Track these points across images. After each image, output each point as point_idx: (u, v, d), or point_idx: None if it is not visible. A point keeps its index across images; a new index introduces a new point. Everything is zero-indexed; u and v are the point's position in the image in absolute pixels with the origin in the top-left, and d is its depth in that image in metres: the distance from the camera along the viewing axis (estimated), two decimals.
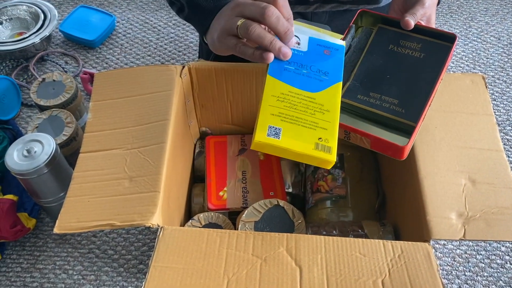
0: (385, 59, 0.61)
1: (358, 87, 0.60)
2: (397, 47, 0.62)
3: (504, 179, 0.58)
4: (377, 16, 0.65)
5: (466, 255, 0.87)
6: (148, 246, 0.88)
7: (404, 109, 0.57)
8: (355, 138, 0.57)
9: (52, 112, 0.90)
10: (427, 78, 0.58)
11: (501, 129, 1.07)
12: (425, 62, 0.60)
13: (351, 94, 0.59)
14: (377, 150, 0.57)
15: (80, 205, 0.57)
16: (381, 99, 0.58)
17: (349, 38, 0.64)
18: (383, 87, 0.59)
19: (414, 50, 0.61)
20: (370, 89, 0.59)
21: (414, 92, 0.58)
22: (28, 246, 0.88)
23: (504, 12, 1.33)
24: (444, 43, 0.61)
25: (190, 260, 0.51)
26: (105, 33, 1.23)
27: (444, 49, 0.60)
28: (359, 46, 0.64)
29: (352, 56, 0.63)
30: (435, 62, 0.59)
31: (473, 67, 1.20)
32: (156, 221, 0.54)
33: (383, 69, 0.60)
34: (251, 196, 0.75)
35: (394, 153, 0.56)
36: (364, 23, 0.66)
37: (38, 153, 0.76)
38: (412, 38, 0.62)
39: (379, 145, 0.56)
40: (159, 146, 0.61)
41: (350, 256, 0.51)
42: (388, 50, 0.62)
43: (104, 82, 0.69)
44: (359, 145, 0.58)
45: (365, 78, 0.60)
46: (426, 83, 0.58)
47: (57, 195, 0.82)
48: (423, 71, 0.59)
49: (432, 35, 0.62)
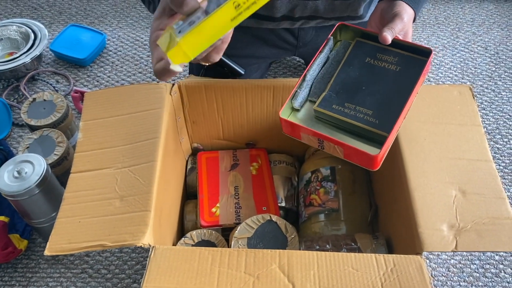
0: (362, 71, 0.62)
1: (334, 97, 0.61)
2: (374, 60, 0.63)
3: (494, 189, 0.59)
4: (356, 30, 0.66)
5: (460, 265, 0.87)
6: (141, 265, 0.88)
7: (378, 120, 0.57)
8: (329, 147, 0.58)
9: (43, 131, 0.90)
10: (401, 90, 0.59)
11: (491, 138, 1.08)
12: (400, 75, 0.61)
13: (326, 104, 0.60)
14: (351, 159, 0.57)
15: (71, 226, 0.57)
16: (355, 110, 0.59)
17: (327, 50, 0.65)
18: (358, 98, 0.60)
19: (390, 64, 0.62)
20: (345, 100, 0.60)
21: (389, 104, 0.59)
22: (20, 268, 0.87)
23: (490, 22, 1.35)
24: (420, 57, 0.62)
25: (182, 279, 0.50)
26: (95, 51, 1.23)
27: (420, 63, 0.61)
28: (337, 58, 0.65)
29: (329, 68, 0.64)
30: (411, 75, 0.60)
31: (461, 77, 1.21)
32: (148, 240, 0.53)
33: (359, 81, 0.61)
34: (244, 212, 0.75)
35: (367, 162, 0.56)
36: (343, 36, 0.67)
37: (29, 174, 0.75)
38: (389, 52, 0.63)
39: (352, 155, 0.56)
40: (150, 164, 0.61)
41: (343, 271, 0.51)
42: (364, 63, 0.63)
43: (94, 101, 0.69)
44: (333, 154, 0.59)
45: (341, 89, 0.61)
46: (400, 96, 0.59)
47: (49, 216, 0.82)
48: (398, 84, 0.60)
49: (408, 49, 0.63)
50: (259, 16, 0.82)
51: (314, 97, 0.62)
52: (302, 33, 0.87)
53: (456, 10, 1.40)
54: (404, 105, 0.57)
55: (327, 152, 0.59)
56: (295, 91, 0.62)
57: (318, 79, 0.64)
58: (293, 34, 0.87)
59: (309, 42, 0.91)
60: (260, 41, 0.89)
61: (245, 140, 0.85)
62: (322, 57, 0.65)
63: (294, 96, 0.62)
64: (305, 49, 0.93)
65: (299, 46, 0.91)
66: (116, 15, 1.38)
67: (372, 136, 0.58)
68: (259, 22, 0.83)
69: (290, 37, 0.88)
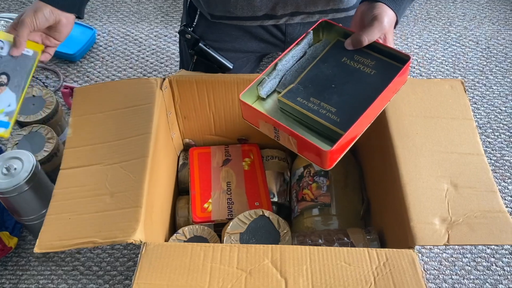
0: (335, 69, 0.61)
1: (301, 90, 0.60)
2: (351, 60, 0.62)
3: (486, 182, 0.59)
4: (339, 30, 0.65)
5: (452, 258, 0.88)
6: (133, 261, 0.87)
7: (340, 119, 0.56)
8: (284, 138, 0.56)
9: (33, 128, 0.88)
10: (370, 94, 0.57)
11: (482, 132, 1.08)
12: (373, 79, 0.60)
13: (291, 95, 0.59)
14: (304, 154, 0.56)
15: (61, 223, 0.56)
16: (319, 106, 0.58)
17: (304, 44, 0.64)
18: (325, 95, 0.59)
19: (366, 66, 0.61)
20: (311, 95, 0.59)
21: (354, 105, 0.57)
22: (10, 266, 0.86)
23: (481, 17, 1.36)
24: (397, 64, 0.60)
25: (174, 276, 0.50)
26: (85, 46, 1.22)
27: (395, 69, 0.59)
28: (314, 54, 0.64)
29: (304, 63, 0.63)
30: (383, 80, 0.59)
31: (453, 71, 1.21)
32: (139, 237, 0.53)
33: (330, 79, 0.60)
34: (236, 207, 0.75)
35: (319, 158, 0.54)
36: (326, 36, 0.66)
37: (18, 170, 0.74)
38: (367, 55, 0.62)
39: (306, 148, 0.55)
40: (141, 160, 0.60)
41: (336, 266, 0.51)
42: (340, 62, 0.62)
43: (84, 96, 0.69)
44: (286, 146, 0.57)
45: (310, 84, 0.60)
46: (367, 98, 0.57)
47: (39, 213, 0.81)
48: (369, 86, 0.59)
49: (387, 55, 0.61)
50: (239, 18, 0.81)
51: (282, 88, 0.61)
52: (290, 29, 0.87)
53: (448, 5, 1.40)
54: (367, 107, 0.55)
55: (282, 143, 0.58)
56: (262, 78, 0.61)
57: (290, 71, 0.63)
58: (280, 30, 0.87)
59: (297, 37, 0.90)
60: (248, 35, 0.88)
61: (237, 136, 0.84)
62: (298, 50, 0.64)
63: (260, 83, 0.60)
64: None
65: (287, 41, 0.90)
66: (106, 10, 1.36)
67: (329, 134, 0.56)
68: (241, 22, 0.83)
69: (277, 32, 0.88)
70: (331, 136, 0.56)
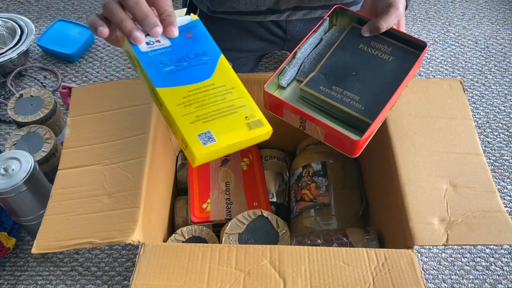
0: (354, 57, 0.62)
1: (322, 79, 0.60)
2: (368, 47, 0.62)
3: (485, 182, 0.59)
4: (353, 15, 0.65)
5: (451, 258, 0.88)
6: (132, 262, 0.87)
7: (364, 107, 0.57)
8: (310, 128, 0.57)
9: (31, 128, 0.88)
10: (391, 81, 0.58)
11: (481, 132, 1.08)
12: (392, 66, 0.60)
13: (313, 84, 0.59)
14: (330, 143, 0.56)
15: (59, 224, 0.56)
16: (342, 94, 0.58)
17: (321, 31, 0.64)
18: (346, 83, 0.59)
19: (383, 53, 0.62)
20: (333, 83, 0.59)
21: (377, 92, 0.58)
22: (9, 266, 0.86)
23: (480, 16, 1.36)
24: (414, 51, 0.61)
25: (172, 276, 0.50)
26: (84, 46, 1.22)
27: (413, 56, 0.61)
28: (330, 41, 0.64)
29: (321, 50, 0.63)
30: (403, 67, 0.60)
31: (452, 71, 1.21)
32: (137, 237, 0.53)
33: (350, 66, 0.61)
34: (235, 208, 0.74)
35: (347, 147, 0.55)
36: (339, 21, 0.67)
37: (16, 171, 0.74)
38: (383, 41, 0.63)
39: (333, 138, 0.55)
40: (139, 160, 0.60)
41: (334, 266, 0.51)
42: (358, 49, 0.62)
43: (82, 96, 0.68)
44: (312, 136, 0.58)
45: (330, 72, 0.60)
46: (389, 86, 0.58)
47: (37, 213, 0.81)
48: (389, 73, 0.60)
49: (403, 41, 0.62)
50: (242, 12, 0.81)
51: (302, 77, 0.61)
52: (290, 26, 0.87)
53: (447, 4, 1.40)
54: (392, 95, 0.57)
55: (307, 133, 0.58)
56: (283, 67, 0.61)
57: (308, 59, 0.63)
58: (280, 28, 0.87)
59: (298, 35, 0.90)
60: (247, 34, 0.88)
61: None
62: (315, 38, 0.64)
63: (281, 72, 0.61)
64: (293, 42, 0.92)
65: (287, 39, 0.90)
66: None
67: (355, 122, 0.57)
68: (243, 17, 0.83)
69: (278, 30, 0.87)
70: (356, 124, 0.57)
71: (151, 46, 0.51)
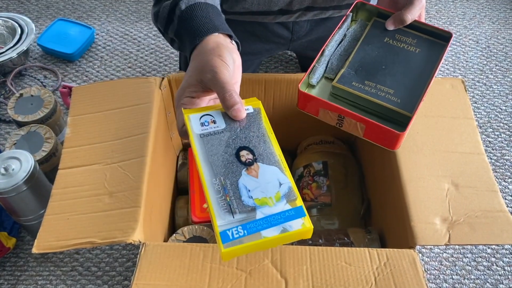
0: (381, 50, 0.61)
1: (352, 74, 0.59)
2: (393, 40, 0.62)
3: (487, 182, 0.59)
4: (372, 9, 0.65)
5: (453, 258, 0.87)
6: (132, 262, 0.87)
7: (400, 100, 0.56)
8: (349, 124, 0.56)
9: (31, 127, 0.88)
10: (422, 72, 0.58)
11: (483, 131, 1.08)
12: (420, 57, 0.60)
13: (345, 80, 0.58)
14: (370, 138, 0.56)
15: (60, 223, 0.55)
16: (376, 88, 0.57)
17: (344, 27, 0.64)
18: (378, 77, 0.58)
19: (409, 45, 0.61)
20: (365, 78, 0.58)
21: (409, 84, 0.57)
22: (9, 266, 0.86)
23: (481, 16, 1.36)
24: (439, 41, 0.61)
25: (173, 276, 0.50)
26: (84, 45, 1.22)
27: (439, 47, 0.61)
28: (354, 36, 0.64)
29: (347, 45, 0.63)
30: (430, 58, 0.60)
31: (453, 70, 1.21)
32: (138, 237, 0.52)
33: (379, 60, 0.60)
34: None
35: (389, 141, 0.54)
36: (360, 16, 0.66)
37: (16, 170, 0.74)
38: (407, 33, 0.62)
39: (374, 132, 0.55)
40: (140, 160, 0.60)
41: (336, 266, 0.51)
42: (383, 42, 0.62)
43: (82, 96, 0.68)
44: (350, 132, 0.57)
45: (360, 67, 0.60)
46: (421, 77, 0.58)
47: (37, 213, 0.80)
48: (418, 65, 0.59)
49: (427, 33, 0.62)
50: (253, 12, 0.80)
51: (331, 74, 0.60)
52: (297, 27, 0.86)
53: (448, 4, 1.40)
54: (427, 86, 0.56)
55: (345, 130, 0.57)
56: (313, 66, 0.60)
57: (335, 55, 0.62)
58: (287, 29, 0.86)
59: (304, 35, 0.90)
60: (253, 37, 0.87)
61: None
62: (339, 34, 0.63)
63: (312, 71, 0.60)
64: (298, 42, 0.92)
65: (293, 39, 0.90)
66: (104, 9, 1.36)
67: (392, 116, 0.56)
68: (254, 17, 0.82)
69: (284, 31, 0.87)
70: (393, 118, 0.56)
71: None
